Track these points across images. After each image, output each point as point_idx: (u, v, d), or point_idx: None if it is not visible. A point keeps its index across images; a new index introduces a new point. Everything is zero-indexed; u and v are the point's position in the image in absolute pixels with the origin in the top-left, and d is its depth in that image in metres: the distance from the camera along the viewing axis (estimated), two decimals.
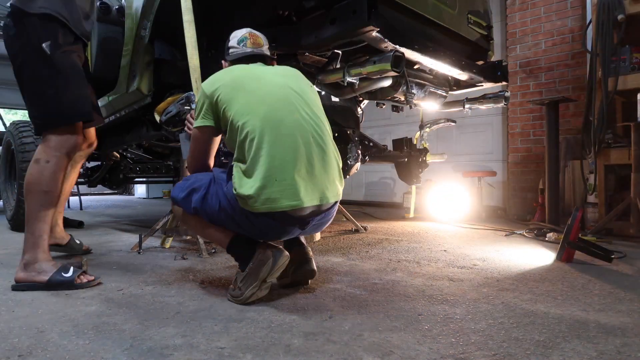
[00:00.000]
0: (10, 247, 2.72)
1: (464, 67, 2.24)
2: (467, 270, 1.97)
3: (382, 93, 2.29)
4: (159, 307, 1.45)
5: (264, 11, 1.97)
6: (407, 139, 3.28)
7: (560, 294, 1.58)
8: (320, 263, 2.14)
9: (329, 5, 1.72)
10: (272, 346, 1.11)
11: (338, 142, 2.57)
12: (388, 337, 1.17)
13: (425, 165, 3.24)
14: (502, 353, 1.07)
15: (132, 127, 3.07)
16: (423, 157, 3.21)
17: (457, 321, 1.29)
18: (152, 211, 5.53)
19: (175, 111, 1.95)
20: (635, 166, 2.84)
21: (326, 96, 2.63)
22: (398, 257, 2.30)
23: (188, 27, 1.92)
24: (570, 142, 3.68)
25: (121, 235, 3.23)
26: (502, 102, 2.64)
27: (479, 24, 2.40)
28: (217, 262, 2.19)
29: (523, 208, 4.11)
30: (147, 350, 1.09)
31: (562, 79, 3.91)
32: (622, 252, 2.33)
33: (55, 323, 1.30)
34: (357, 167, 2.62)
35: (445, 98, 2.63)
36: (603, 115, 2.99)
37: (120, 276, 1.90)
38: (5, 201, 3.84)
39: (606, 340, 1.15)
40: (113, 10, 3.14)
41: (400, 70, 1.74)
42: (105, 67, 3.06)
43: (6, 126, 4.25)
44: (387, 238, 2.98)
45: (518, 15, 4.19)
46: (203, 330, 1.23)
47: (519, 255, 2.34)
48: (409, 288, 1.67)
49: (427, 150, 3.25)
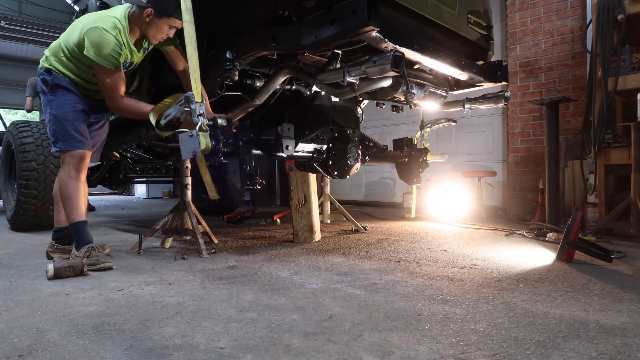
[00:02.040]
0: (10, 247, 2.72)
1: (464, 67, 2.24)
2: (467, 270, 1.97)
3: (382, 93, 2.28)
4: (159, 307, 1.45)
5: (264, 11, 1.97)
6: (408, 139, 3.27)
7: (560, 294, 1.58)
8: (320, 263, 2.14)
9: (329, 5, 1.71)
10: (272, 346, 1.11)
11: (338, 142, 2.57)
12: (388, 337, 1.17)
13: (426, 165, 3.24)
14: (502, 353, 1.07)
15: (132, 127, 3.06)
16: (423, 157, 3.21)
17: (457, 321, 1.29)
18: (152, 211, 5.53)
19: (175, 114, 1.94)
20: (635, 166, 2.84)
21: (326, 96, 2.63)
22: (398, 257, 2.30)
23: (188, 27, 1.92)
24: (570, 142, 3.68)
25: (121, 235, 3.23)
26: (502, 102, 2.64)
27: (479, 24, 2.39)
28: (217, 262, 2.19)
29: (523, 208, 4.11)
30: (147, 350, 1.09)
31: (562, 79, 3.91)
32: (621, 252, 2.33)
33: (55, 323, 1.30)
34: (357, 167, 2.62)
35: (445, 98, 2.62)
36: (603, 115, 2.99)
37: (120, 276, 1.90)
38: (5, 201, 3.84)
39: (606, 340, 1.15)
40: None
41: (400, 70, 1.73)
42: None
43: (6, 126, 4.25)
44: (387, 238, 2.98)
45: (518, 15, 4.19)
46: (203, 330, 1.23)
47: (519, 255, 2.34)
48: (409, 288, 1.67)
49: (427, 150, 3.25)
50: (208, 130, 1.88)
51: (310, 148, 2.57)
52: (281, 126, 2.43)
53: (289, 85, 2.42)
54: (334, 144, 2.57)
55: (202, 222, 2.64)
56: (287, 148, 2.41)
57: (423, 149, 3.25)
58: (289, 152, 2.42)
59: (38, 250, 2.56)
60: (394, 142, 3.28)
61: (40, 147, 3.32)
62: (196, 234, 2.42)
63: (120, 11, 2.10)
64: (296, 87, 2.46)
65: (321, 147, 2.59)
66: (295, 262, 2.17)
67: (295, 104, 2.61)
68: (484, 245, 2.64)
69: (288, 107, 2.58)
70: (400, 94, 2.19)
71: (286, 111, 2.58)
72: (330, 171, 2.56)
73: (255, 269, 2.02)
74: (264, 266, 2.09)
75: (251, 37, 1.99)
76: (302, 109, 2.60)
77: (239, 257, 2.33)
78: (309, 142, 2.56)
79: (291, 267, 2.07)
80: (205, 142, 1.85)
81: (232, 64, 2.01)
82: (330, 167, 2.56)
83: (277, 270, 1.99)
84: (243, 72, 2.23)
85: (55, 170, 3.35)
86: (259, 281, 1.79)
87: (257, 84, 2.29)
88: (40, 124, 3.58)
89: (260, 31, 1.93)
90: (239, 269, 2.04)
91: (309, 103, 2.60)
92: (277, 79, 2.16)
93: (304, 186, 2.83)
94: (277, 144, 2.40)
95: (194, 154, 1.90)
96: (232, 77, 2.02)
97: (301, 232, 2.82)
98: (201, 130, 1.85)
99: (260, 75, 2.33)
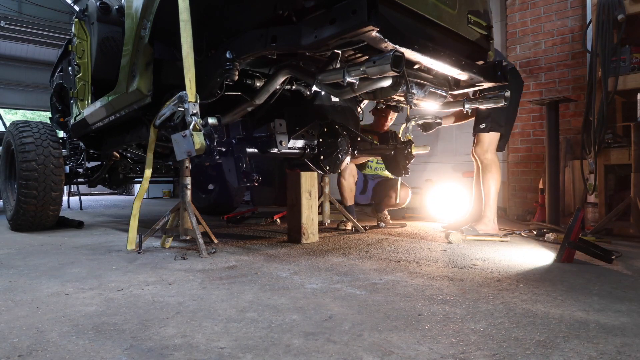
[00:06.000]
0: (10, 247, 2.72)
1: (464, 67, 2.24)
2: (467, 270, 1.97)
3: (382, 93, 2.28)
4: (159, 307, 1.45)
5: (264, 11, 1.97)
6: (392, 131, 3.29)
7: (560, 294, 1.58)
8: (320, 263, 2.15)
9: (329, 5, 1.71)
10: (272, 346, 1.11)
11: (328, 137, 2.59)
12: (388, 337, 1.17)
13: (412, 156, 3.26)
14: (502, 353, 1.07)
15: (132, 127, 3.06)
16: (408, 149, 3.23)
17: (457, 321, 1.29)
18: (152, 211, 5.53)
19: (169, 113, 1.94)
20: (635, 166, 2.84)
21: (326, 96, 2.63)
22: (398, 257, 2.30)
23: (184, 26, 1.92)
24: (570, 142, 3.68)
25: (121, 235, 3.23)
26: (502, 102, 2.64)
27: (479, 24, 2.39)
28: (217, 262, 2.19)
29: (523, 208, 4.11)
30: (147, 350, 1.09)
31: (562, 79, 3.91)
32: (620, 252, 2.33)
33: (55, 323, 1.30)
34: (347, 161, 2.63)
35: (445, 98, 2.62)
36: (603, 115, 2.99)
37: (120, 276, 1.90)
38: (5, 201, 3.83)
39: (606, 340, 1.15)
40: (113, 10, 3.14)
41: (400, 70, 1.73)
42: (105, 67, 3.06)
43: (6, 126, 4.24)
44: (387, 238, 2.98)
45: (518, 15, 4.19)
46: (203, 330, 1.23)
47: (519, 255, 2.34)
48: (409, 288, 1.67)
49: (411, 142, 3.27)
50: (202, 130, 1.88)
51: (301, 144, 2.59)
52: (273, 122, 2.43)
53: (289, 85, 2.42)
54: (324, 138, 2.59)
55: (202, 222, 2.64)
56: (281, 144, 2.42)
57: (407, 141, 3.27)
58: (282, 148, 2.43)
59: (38, 250, 2.56)
60: (380, 136, 3.29)
61: (40, 147, 3.32)
62: (196, 234, 2.42)
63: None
64: (296, 87, 2.46)
65: (312, 143, 2.61)
66: (295, 262, 2.17)
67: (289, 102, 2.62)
68: (483, 245, 2.64)
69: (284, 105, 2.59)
70: (400, 94, 2.19)
71: (286, 111, 2.58)
72: (322, 165, 2.57)
73: (255, 269, 2.02)
74: (264, 266, 2.09)
75: (251, 37, 1.99)
76: (296, 106, 2.61)
77: (239, 257, 2.33)
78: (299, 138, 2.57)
79: (291, 267, 2.07)
80: (200, 142, 1.84)
81: (232, 64, 2.01)
82: (322, 162, 2.57)
83: (277, 270, 1.99)
84: (243, 72, 2.23)
85: (55, 170, 3.36)
86: (259, 281, 1.79)
87: (257, 84, 2.29)
88: (40, 124, 3.58)
89: (260, 31, 1.93)
90: (239, 269, 2.04)
91: (306, 103, 2.61)
92: (277, 79, 2.16)
93: (295, 187, 2.84)
94: (270, 140, 2.41)
95: (189, 154, 1.89)
96: (232, 77, 2.02)
97: (292, 233, 2.83)
98: (195, 129, 1.85)
99: (260, 75, 2.34)
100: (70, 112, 3.55)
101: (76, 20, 3.22)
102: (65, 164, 3.86)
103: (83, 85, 3.21)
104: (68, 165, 4.15)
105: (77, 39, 3.18)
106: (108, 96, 2.86)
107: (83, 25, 3.20)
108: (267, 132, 2.47)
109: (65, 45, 3.71)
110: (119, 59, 2.68)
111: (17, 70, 9.37)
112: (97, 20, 3.08)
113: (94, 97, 3.17)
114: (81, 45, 3.17)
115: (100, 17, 3.06)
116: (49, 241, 2.95)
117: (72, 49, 3.25)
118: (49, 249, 2.61)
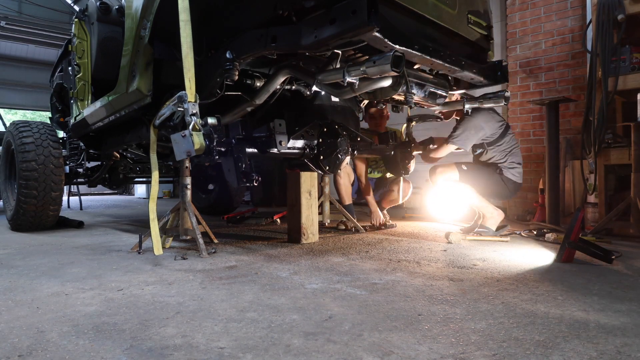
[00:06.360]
0: (10, 247, 2.72)
1: (464, 67, 2.24)
2: (467, 270, 1.97)
3: (382, 93, 2.28)
4: (159, 307, 1.45)
5: (264, 11, 1.97)
6: (392, 131, 3.28)
7: (560, 294, 1.58)
8: (320, 263, 2.15)
9: (329, 5, 1.71)
10: (272, 346, 1.11)
11: (328, 137, 2.58)
12: (388, 337, 1.17)
13: (412, 157, 3.25)
14: (502, 353, 1.07)
15: (132, 127, 3.06)
16: (409, 149, 3.23)
17: (457, 321, 1.29)
18: None
19: (169, 113, 1.94)
20: (635, 166, 2.84)
21: (326, 96, 2.63)
22: (398, 257, 2.30)
23: (184, 26, 1.92)
24: (570, 142, 3.68)
25: (121, 235, 3.23)
26: (502, 102, 2.64)
27: (479, 24, 2.39)
28: (217, 262, 2.19)
29: (523, 208, 4.11)
30: (147, 350, 1.09)
31: (562, 79, 3.91)
32: (620, 252, 2.33)
33: (55, 323, 1.30)
34: (347, 161, 2.63)
35: (445, 98, 2.63)
36: (603, 115, 2.99)
37: (120, 276, 1.90)
38: (5, 201, 3.83)
39: (606, 340, 1.15)
40: (113, 10, 3.14)
41: (400, 70, 1.73)
42: (105, 67, 3.06)
43: (6, 126, 4.24)
44: (387, 238, 2.98)
45: (518, 15, 4.19)
46: (203, 330, 1.23)
47: (519, 255, 2.34)
48: (409, 288, 1.67)
49: (412, 142, 3.27)
50: (202, 130, 1.88)
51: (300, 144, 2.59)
52: (273, 122, 2.43)
53: (289, 85, 2.42)
54: (323, 138, 2.59)
55: (202, 222, 2.64)
56: (281, 144, 2.41)
57: (407, 141, 3.27)
58: (282, 148, 2.43)
59: (38, 250, 2.56)
60: (379, 136, 3.29)
61: (40, 147, 3.32)
62: (196, 234, 2.42)
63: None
64: (296, 87, 2.46)
65: (312, 143, 2.61)
66: (295, 262, 2.17)
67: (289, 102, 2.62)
68: (483, 245, 2.64)
69: (284, 105, 2.59)
70: (400, 94, 2.19)
71: (285, 111, 2.58)
72: (322, 166, 2.57)
73: (255, 269, 2.02)
74: (264, 266, 2.09)
75: (251, 37, 1.99)
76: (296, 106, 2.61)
77: (239, 257, 2.33)
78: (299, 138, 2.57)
79: (291, 267, 2.07)
80: (199, 142, 1.84)
81: (232, 64, 2.01)
82: (322, 162, 2.57)
83: (277, 270, 1.99)
84: (243, 72, 2.23)
85: (55, 170, 3.35)
86: (259, 281, 1.79)
87: (257, 84, 2.29)
88: (40, 124, 3.58)
89: (260, 31, 1.93)
90: (239, 269, 2.04)
91: (306, 103, 2.61)
92: (277, 79, 2.16)
93: (295, 187, 2.84)
94: (270, 141, 2.41)
95: (189, 154, 1.89)
96: (232, 77, 2.02)
97: (292, 233, 2.83)
98: (194, 129, 1.84)
99: (260, 75, 2.34)
100: (70, 112, 3.55)
101: (76, 20, 3.22)
102: (65, 164, 3.85)
103: (83, 85, 3.21)
104: (68, 165, 4.15)
105: (77, 39, 3.18)
106: (108, 96, 2.86)
107: (83, 25, 3.20)
108: (266, 132, 2.47)
109: (65, 45, 3.71)
110: (119, 59, 2.68)
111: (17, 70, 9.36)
112: (97, 20, 3.08)
113: (94, 97, 3.17)
114: (81, 45, 3.17)
115: (100, 17, 3.06)
116: (49, 241, 2.95)
117: (72, 49, 3.25)
118: (49, 249, 2.61)
